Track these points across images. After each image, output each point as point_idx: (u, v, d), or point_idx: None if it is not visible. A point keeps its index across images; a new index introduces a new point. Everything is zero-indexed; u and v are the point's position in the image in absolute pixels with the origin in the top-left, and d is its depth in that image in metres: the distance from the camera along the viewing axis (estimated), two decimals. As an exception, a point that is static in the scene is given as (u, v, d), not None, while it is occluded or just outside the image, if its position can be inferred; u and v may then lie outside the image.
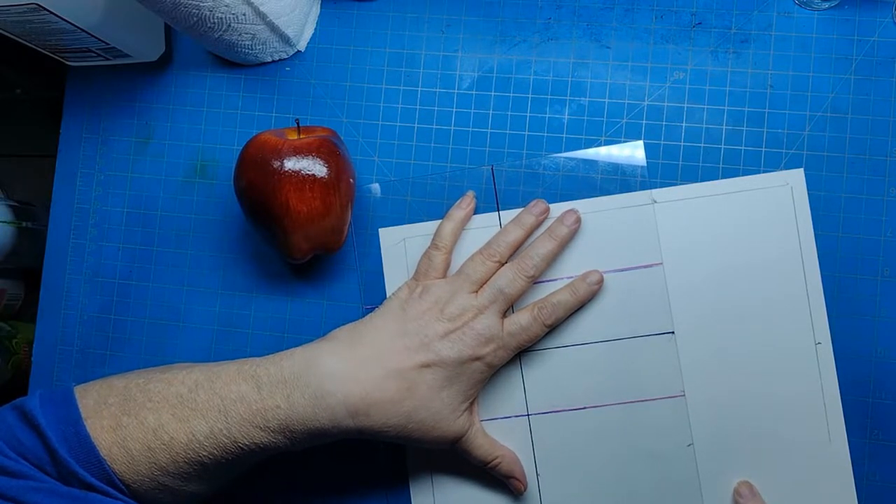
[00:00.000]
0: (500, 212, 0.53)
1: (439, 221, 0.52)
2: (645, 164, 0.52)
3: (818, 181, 0.51)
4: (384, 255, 0.54)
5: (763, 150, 0.51)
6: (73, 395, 0.43)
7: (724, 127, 0.52)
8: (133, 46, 0.54)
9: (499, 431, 0.51)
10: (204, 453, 0.43)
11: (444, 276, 0.50)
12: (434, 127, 0.54)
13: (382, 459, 0.53)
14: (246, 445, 0.43)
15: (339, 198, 0.49)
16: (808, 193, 0.51)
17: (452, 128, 0.54)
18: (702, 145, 0.52)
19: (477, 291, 0.49)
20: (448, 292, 0.48)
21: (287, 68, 0.56)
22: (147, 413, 0.43)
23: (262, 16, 0.50)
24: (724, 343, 0.50)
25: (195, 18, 0.48)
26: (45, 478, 0.40)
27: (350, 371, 0.45)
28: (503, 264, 0.50)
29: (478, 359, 0.47)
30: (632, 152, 0.52)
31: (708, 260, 0.51)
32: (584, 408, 0.51)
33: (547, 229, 0.51)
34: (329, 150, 0.48)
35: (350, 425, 0.45)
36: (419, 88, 0.55)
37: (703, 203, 0.51)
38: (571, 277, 0.51)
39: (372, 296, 0.54)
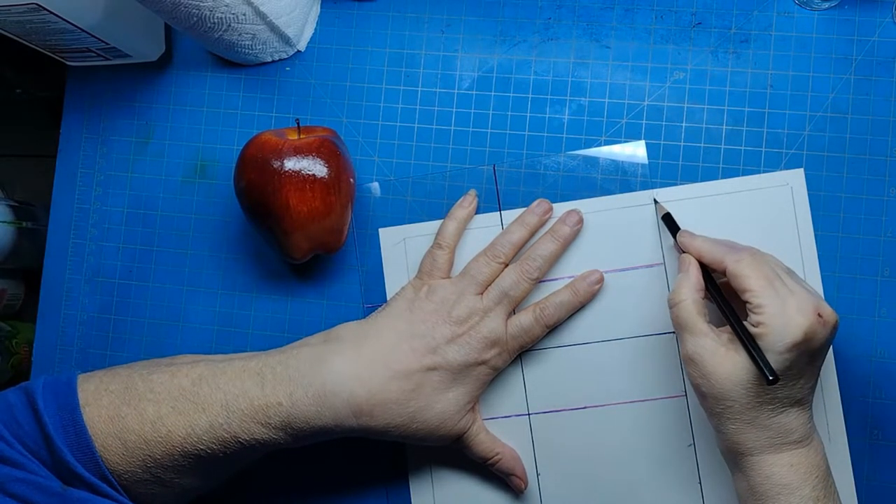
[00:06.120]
0: (502, 211, 0.53)
1: (440, 221, 0.52)
2: (647, 163, 0.52)
3: (818, 181, 0.51)
4: (384, 254, 0.54)
5: (763, 150, 0.51)
6: (74, 383, 0.43)
7: (724, 127, 0.52)
8: (133, 46, 0.54)
9: (499, 430, 0.51)
10: (202, 447, 0.43)
11: (448, 275, 0.50)
12: (434, 127, 0.54)
13: (382, 457, 0.53)
14: (246, 441, 0.44)
15: (339, 198, 0.49)
16: (808, 193, 0.51)
17: (452, 128, 0.54)
18: (702, 145, 0.52)
19: (482, 293, 0.49)
20: (454, 293, 0.48)
21: (287, 68, 0.56)
22: (147, 404, 0.43)
23: (262, 16, 0.50)
24: (724, 343, 0.50)
25: (195, 18, 0.48)
26: (34, 467, 0.40)
27: (355, 371, 0.45)
28: (507, 265, 0.50)
29: (483, 362, 0.47)
30: (633, 151, 0.52)
31: (708, 260, 0.51)
32: (585, 407, 0.51)
33: (549, 230, 0.51)
34: (329, 150, 0.48)
35: (353, 425, 0.45)
36: (419, 88, 0.55)
37: (704, 203, 0.51)
38: (572, 277, 0.51)
39: (372, 295, 0.54)
